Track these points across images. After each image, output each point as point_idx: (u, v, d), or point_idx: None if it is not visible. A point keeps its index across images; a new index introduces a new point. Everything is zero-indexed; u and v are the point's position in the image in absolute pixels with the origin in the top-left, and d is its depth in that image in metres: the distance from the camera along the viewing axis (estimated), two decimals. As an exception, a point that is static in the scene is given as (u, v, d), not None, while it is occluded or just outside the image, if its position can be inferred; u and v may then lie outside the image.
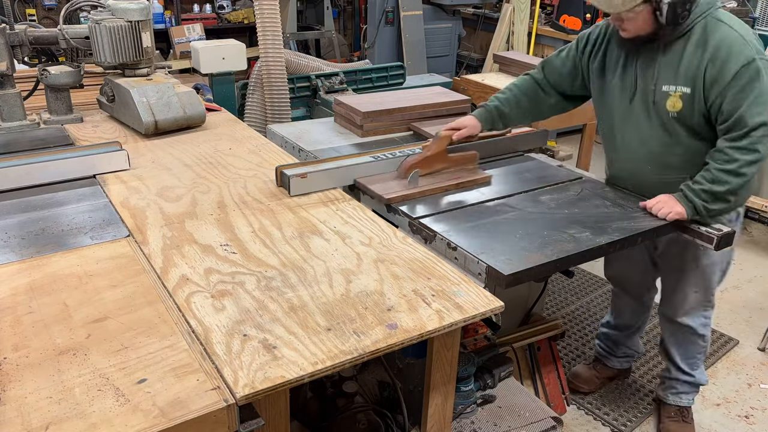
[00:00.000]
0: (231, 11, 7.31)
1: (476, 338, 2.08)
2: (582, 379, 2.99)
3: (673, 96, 2.09)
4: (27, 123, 2.57)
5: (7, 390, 1.21)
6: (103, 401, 1.18)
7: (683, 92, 2.07)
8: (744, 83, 1.97)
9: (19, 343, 1.34)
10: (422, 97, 2.87)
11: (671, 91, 2.09)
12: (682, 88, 2.07)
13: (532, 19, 6.42)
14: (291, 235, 1.85)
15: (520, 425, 2.05)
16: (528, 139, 2.68)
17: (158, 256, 1.70)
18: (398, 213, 2.05)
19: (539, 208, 2.12)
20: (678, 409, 2.74)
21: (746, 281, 4.05)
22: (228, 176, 2.26)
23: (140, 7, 2.55)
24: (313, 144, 2.59)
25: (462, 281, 1.63)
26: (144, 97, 2.55)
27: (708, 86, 2.02)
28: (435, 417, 1.76)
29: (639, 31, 2.06)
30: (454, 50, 6.95)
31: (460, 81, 4.20)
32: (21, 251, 1.71)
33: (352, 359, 1.33)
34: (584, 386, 2.97)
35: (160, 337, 1.37)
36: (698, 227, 2.09)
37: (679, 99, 2.08)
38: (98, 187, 2.14)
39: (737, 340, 3.43)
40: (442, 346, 1.65)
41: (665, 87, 2.10)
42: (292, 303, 1.51)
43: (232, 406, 1.19)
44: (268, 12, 3.28)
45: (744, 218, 2.59)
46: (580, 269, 4.09)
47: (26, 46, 2.52)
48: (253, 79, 3.54)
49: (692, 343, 2.60)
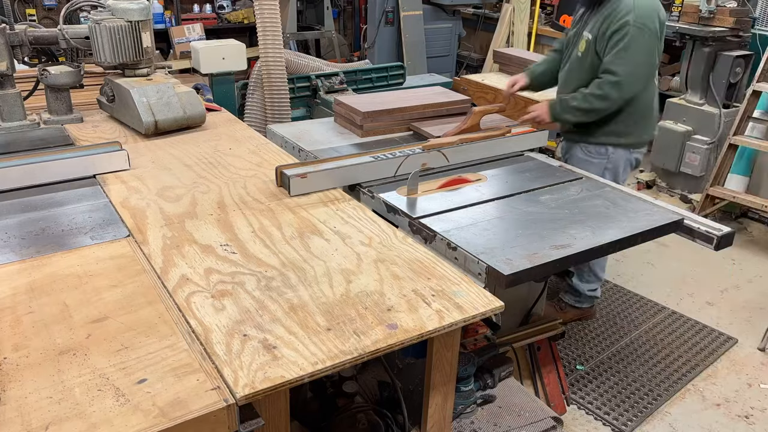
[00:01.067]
0: (231, 11, 7.31)
1: (476, 338, 2.07)
2: None
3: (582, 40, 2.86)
4: (27, 123, 2.57)
5: (7, 390, 1.21)
6: (103, 401, 1.18)
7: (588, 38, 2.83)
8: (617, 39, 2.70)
9: (19, 343, 1.34)
10: (422, 97, 2.87)
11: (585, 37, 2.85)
12: (589, 35, 2.82)
13: (532, 19, 6.43)
14: (291, 235, 1.85)
15: (520, 425, 2.05)
16: (528, 139, 2.68)
17: (158, 256, 1.70)
18: (398, 213, 2.05)
19: (539, 208, 2.12)
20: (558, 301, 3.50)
21: (746, 281, 4.05)
22: (228, 176, 2.26)
23: (140, 7, 2.55)
24: (313, 144, 2.59)
25: (462, 281, 1.63)
26: (144, 97, 2.55)
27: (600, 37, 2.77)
28: (435, 417, 1.76)
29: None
30: (454, 50, 6.95)
31: (460, 81, 4.20)
32: (21, 251, 1.71)
33: (352, 359, 1.33)
34: None
35: (160, 337, 1.37)
36: (698, 227, 2.09)
37: (585, 42, 2.85)
38: (98, 187, 2.14)
39: (737, 340, 3.43)
40: (442, 346, 1.65)
41: (585, 33, 2.86)
42: (292, 303, 1.51)
43: (232, 406, 1.19)
44: (268, 12, 3.28)
45: (744, 218, 2.80)
46: (580, 269, 4.09)
47: (26, 46, 2.52)
48: (253, 79, 3.54)
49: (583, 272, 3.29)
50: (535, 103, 3.59)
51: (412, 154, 2.34)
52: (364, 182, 2.25)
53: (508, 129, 2.64)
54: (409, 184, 2.16)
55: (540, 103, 2.91)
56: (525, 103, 3.69)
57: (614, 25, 2.69)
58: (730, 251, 4.18)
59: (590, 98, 2.75)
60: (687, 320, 3.59)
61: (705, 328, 3.54)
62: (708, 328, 3.54)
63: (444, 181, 2.29)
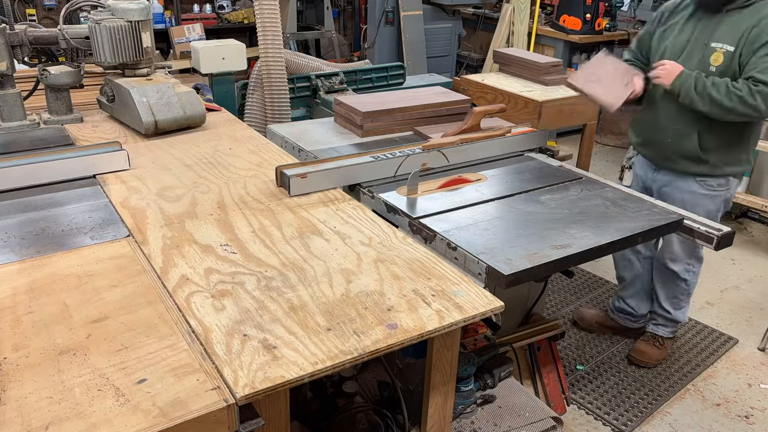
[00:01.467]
0: (231, 11, 7.31)
1: (476, 338, 2.07)
2: (584, 318, 3.51)
3: (717, 51, 2.57)
4: (27, 123, 2.57)
5: (7, 390, 1.21)
6: (103, 401, 1.18)
7: (727, 49, 2.55)
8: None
9: (19, 343, 1.34)
10: (422, 97, 2.87)
11: (717, 48, 2.57)
12: (726, 46, 2.55)
13: (532, 19, 6.42)
14: (291, 235, 1.85)
15: (520, 425, 2.05)
16: (528, 139, 2.68)
17: (158, 256, 1.70)
18: (398, 213, 2.05)
19: (539, 208, 2.12)
20: (653, 336, 3.29)
21: (746, 281, 4.05)
22: (228, 176, 2.26)
23: (140, 7, 2.55)
24: (313, 144, 2.59)
25: (462, 281, 1.63)
26: (144, 97, 2.55)
27: (746, 47, 2.50)
28: (435, 417, 1.76)
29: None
30: (454, 50, 6.96)
31: (460, 81, 4.20)
32: (21, 251, 1.71)
33: (352, 359, 1.33)
34: (580, 322, 3.53)
35: (160, 337, 1.37)
36: (698, 227, 2.09)
37: (722, 54, 2.57)
38: (98, 187, 2.14)
39: (737, 340, 3.43)
40: (442, 346, 1.65)
41: (713, 44, 2.58)
42: (292, 303, 1.51)
43: (232, 406, 1.19)
44: (268, 12, 3.28)
45: (744, 218, 2.84)
46: (580, 269, 4.09)
47: (26, 46, 2.52)
48: (253, 79, 3.54)
49: (676, 286, 3.12)
50: (534, 103, 3.59)
51: (412, 154, 2.34)
52: (364, 182, 2.25)
53: (508, 129, 2.64)
54: (409, 184, 2.16)
55: (670, 63, 2.63)
56: (525, 102, 3.69)
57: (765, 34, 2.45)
58: (730, 251, 4.19)
59: (735, 99, 2.47)
60: (687, 320, 3.59)
61: (705, 328, 3.55)
62: (708, 328, 3.54)
63: (444, 181, 2.29)
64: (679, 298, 3.16)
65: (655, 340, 3.26)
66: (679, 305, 3.18)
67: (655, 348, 3.25)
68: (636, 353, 3.26)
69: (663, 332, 3.26)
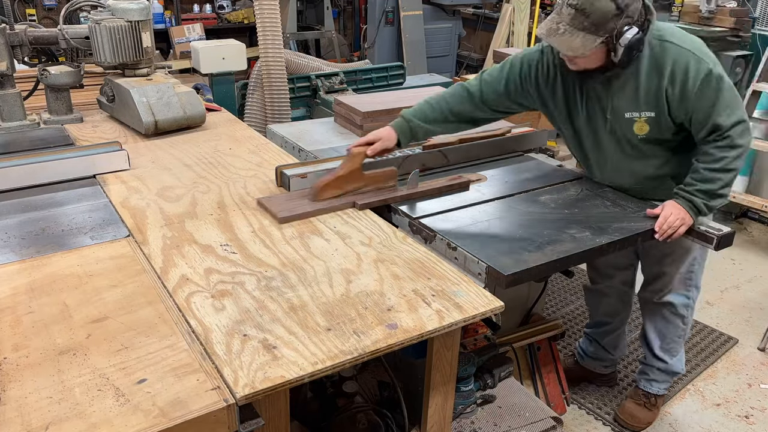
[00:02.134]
0: (231, 11, 7.31)
1: (476, 338, 2.07)
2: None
3: (638, 121, 2.11)
4: (27, 123, 2.57)
5: (7, 390, 1.21)
6: (103, 401, 1.18)
7: (648, 116, 2.10)
8: (709, 94, 2.00)
9: (19, 343, 1.34)
10: (422, 97, 2.86)
11: (635, 117, 2.11)
12: (645, 113, 2.10)
13: (532, 19, 6.42)
14: (291, 235, 1.85)
15: (520, 425, 2.05)
16: (528, 139, 2.68)
17: (158, 256, 1.70)
18: (398, 213, 2.05)
19: (539, 208, 2.12)
20: (645, 394, 2.77)
21: (746, 281, 4.05)
22: (228, 176, 2.26)
23: (140, 7, 2.55)
24: (313, 144, 2.59)
25: (462, 281, 1.63)
26: (144, 97, 2.55)
27: (675, 107, 2.05)
28: (435, 417, 1.76)
29: (589, 66, 2.05)
30: (454, 50, 6.96)
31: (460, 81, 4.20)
32: (21, 251, 1.71)
33: (352, 359, 1.33)
34: None
35: (160, 337, 1.37)
36: (698, 227, 2.09)
37: (645, 123, 2.11)
38: (98, 187, 2.14)
39: (737, 340, 3.43)
40: (442, 346, 1.65)
41: (627, 114, 2.12)
42: (292, 303, 1.51)
43: (232, 406, 1.19)
44: (268, 12, 3.28)
45: (744, 218, 2.67)
46: (580, 269, 4.09)
47: (26, 46, 2.52)
48: (253, 79, 3.54)
49: (671, 324, 2.59)
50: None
51: (412, 154, 2.34)
52: (364, 182, 2.24)
53: (508, 129, 2.64)
54: (409, 184, 2.16)
55: (667, 209, 2.07)
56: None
57: (692, 83, 2.00)
58: (730, 251, 4.18)
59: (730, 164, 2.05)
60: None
61: (705, 328, 3.54)
62: (708, 328, 3.54)
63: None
64: (676, 342, 2.64)
65: (648, 400, 2.76)
66: (676, 351, 2.67)
67: (645, 410, 2.76)
68: (625, 416, 2.77)
69: (657, 389, 2.75)
